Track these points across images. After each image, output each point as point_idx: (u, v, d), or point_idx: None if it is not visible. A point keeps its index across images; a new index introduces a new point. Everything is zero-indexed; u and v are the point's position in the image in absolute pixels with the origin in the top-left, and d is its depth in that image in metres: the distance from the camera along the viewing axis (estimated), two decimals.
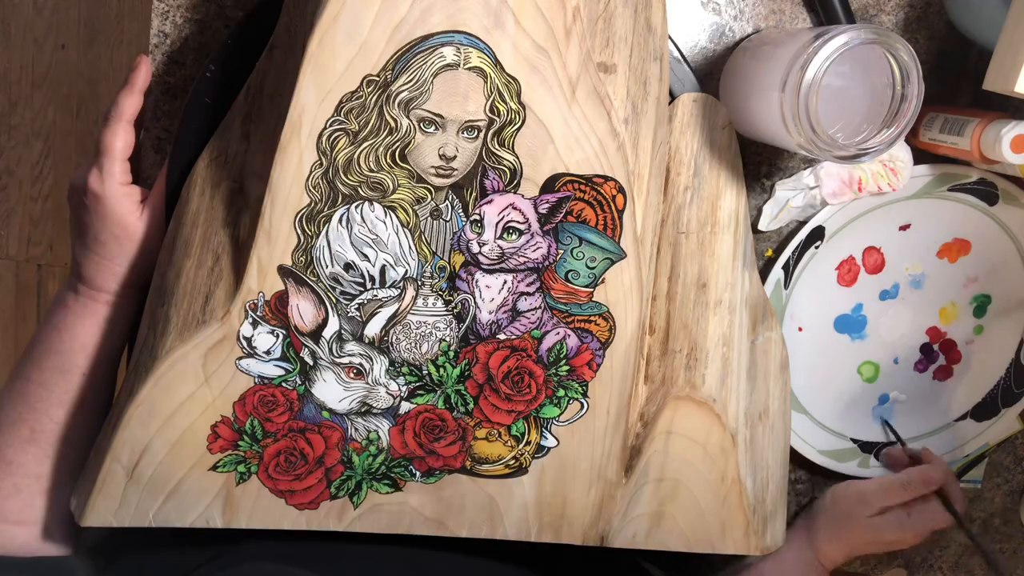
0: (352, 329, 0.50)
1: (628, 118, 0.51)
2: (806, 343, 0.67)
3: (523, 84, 0.47)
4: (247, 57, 0.54)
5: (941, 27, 0.63)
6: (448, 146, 0.48)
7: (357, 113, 0.47)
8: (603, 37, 0.51)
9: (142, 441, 0.50)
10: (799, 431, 0.68)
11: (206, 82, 0.55)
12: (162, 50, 0.58)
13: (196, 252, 0.51)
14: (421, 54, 0.46)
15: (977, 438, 0.73)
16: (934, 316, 0.69)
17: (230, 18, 0.57)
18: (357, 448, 0.53)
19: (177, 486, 0.51)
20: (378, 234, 0.49)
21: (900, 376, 0.70)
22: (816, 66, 0.49)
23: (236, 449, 0.51)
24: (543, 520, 0.55)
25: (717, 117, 0.58)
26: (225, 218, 0.52)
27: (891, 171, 0.61)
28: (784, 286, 0.64)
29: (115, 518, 0.52)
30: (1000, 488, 0.77)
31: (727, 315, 0.58)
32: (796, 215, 0.63)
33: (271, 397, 0.51)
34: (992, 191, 0.65)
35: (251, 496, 0.52)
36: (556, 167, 0.49)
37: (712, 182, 0.58)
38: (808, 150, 0.51)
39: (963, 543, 0.79)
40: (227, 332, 0.49)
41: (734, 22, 0.61)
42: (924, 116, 0.62)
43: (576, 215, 0.50)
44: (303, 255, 0.49)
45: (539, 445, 0.54)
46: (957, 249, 0.67)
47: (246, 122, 0.53)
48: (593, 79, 0.48)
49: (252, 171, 0.51)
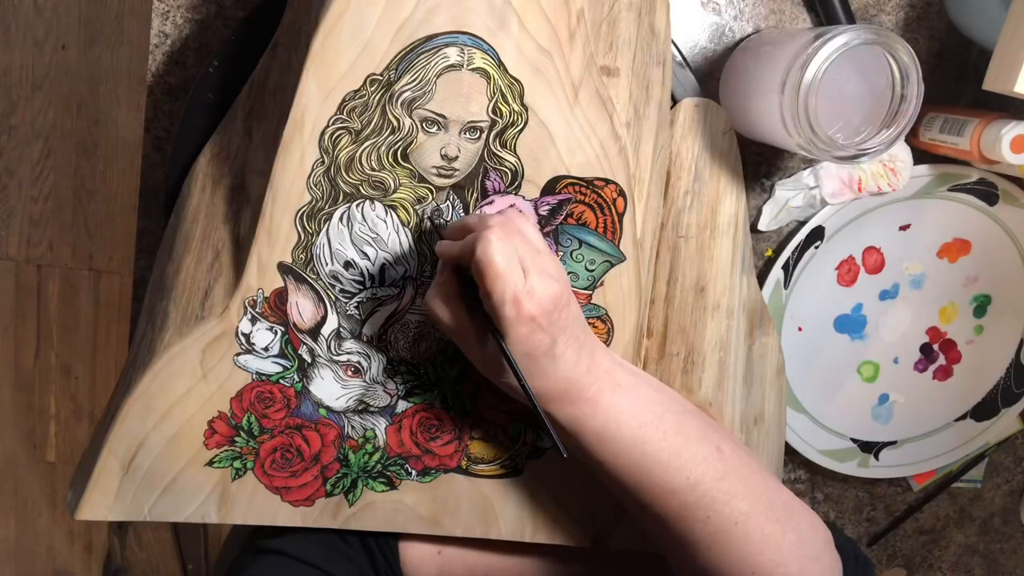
0: (351, 327, 0.50)
1: (630, 122, 0.51)
2: (806, 343, 0.67)
3: (526, 86, 0.47)
4: (250, 53, 0.54)
5: (941, 27, 0.63)
6: (450, 146, 0.48)
7: (360, 112, 0.47)
8: (607, 41, 0.51)
9: (139, 435, 0.50)
10: (799, 431, 0.68)
11: (209, 78, 0.55)
12: (162, 50, 0.58)
13: (196, 247, 0.51)
14: (425, 54, 0.46)
15: (977, 438, 0.73)
16: (934, 316, 0.69)
17: (230, 18, 0.58)
18: (353, 446, 0.53)
19: (173, 481, 0.51)
20: (378, 233, 0.49)
21: (900, 376, 0.70)
22: (816, 66, 0.49)
23: (232, 445, 0.51)
24: (538, 521, 0.55)
25: (718, 122, 0.58)
26: (226, 214, 0.52)
27: (891, 171, 0.61)
28: (784, 286, 0.64)
29: (110, 512, 0.52)
30: (1000, 488, 0.77)
31: (725, 319, 0.58)
32: (796, 215, 0.63)
33: (268, 394, 0.51)
34: (992, 191, 0.65)
35: (247, 492, 0.52)
36: (557, 169, 0.49)
37: (712, 187, 0.58)
38: (808, 150, 0.52)
39: (963, 543, 0.79)
40: (226, 328, 0.49)
41: (734, 22, 0.61)
42: (924, 116, 0.62)
43: (576, 217, 0.50)
44: (303, 252, 0.49)
45: (535, 446, 0.54)
46: (957, 249, 0.67)
47: (248, 118, 0.53)
48: (596, 82, 0.48)
49: (254, 167, 0.51)
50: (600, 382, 0.46)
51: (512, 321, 0.42)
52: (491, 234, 0.41)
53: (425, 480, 0.54)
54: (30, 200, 1.34)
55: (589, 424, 0.46)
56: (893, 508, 0.77)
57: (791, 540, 0.47)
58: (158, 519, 0.52)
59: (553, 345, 0.43)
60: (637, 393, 0.47)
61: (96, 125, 1.31)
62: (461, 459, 0.54)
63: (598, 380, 0.46)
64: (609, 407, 0.46)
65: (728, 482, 0.46)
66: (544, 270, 0.42)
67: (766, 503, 0.47)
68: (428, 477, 0.54)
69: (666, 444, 0.46)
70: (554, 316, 0.43)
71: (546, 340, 0.43)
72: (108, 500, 0.51)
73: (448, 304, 0.45)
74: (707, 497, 0.46)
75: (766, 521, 0.46)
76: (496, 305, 0.41)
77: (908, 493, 0.77)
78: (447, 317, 0.45)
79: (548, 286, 0.42)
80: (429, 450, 0.53)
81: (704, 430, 0.48)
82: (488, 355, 0.45)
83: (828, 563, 0.48)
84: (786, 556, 0.46)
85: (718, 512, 0.46)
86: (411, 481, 0.54)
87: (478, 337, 0.45)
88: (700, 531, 0.46)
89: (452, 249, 0.44)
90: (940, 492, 0.76)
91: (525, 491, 0.54)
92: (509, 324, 0.42)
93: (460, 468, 0.54)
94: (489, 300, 0.42)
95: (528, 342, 0.43)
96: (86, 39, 1.29)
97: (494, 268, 0.41)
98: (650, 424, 0.46)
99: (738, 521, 0.46)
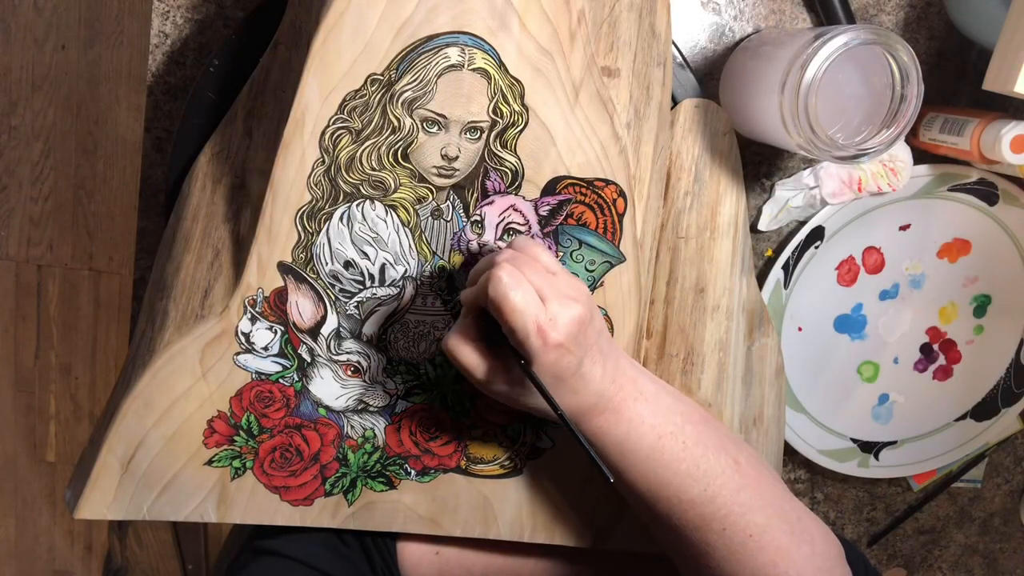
0: (351, 327, 0.50)
1: (630, 122, 0.51)
2: (806, 343, 0.67)
3: (527, 86, 0.47)
4: (250, 53, 0.54)
5: (941, 27, 0.63)
6: (450, 146, 0.48)
7: (360, 112, 0.47)
8: (607, 41, 0.51)
9: (138, 434, 0.50)
10: (799, 431, 0.68)
11: (209, 77, 0.55)
12: (162, 50, 0.58)
13: (196, 247, 0.51)
14: (426, 54, 0.46)
15: (977, 438, 0.73)
16: (934, 316, 0.69)
17: (230, 18, 0.58)
18: (353, 445, 0.53)
19: (172, 480, 0.51)
20: (379, 232, 0.49)
21: (900, 376, 0.70)
22: (816, 66, 0.49)
23: (232, 444, 0.51)
24: (537, 521, 0.55)
25: (718, 123, 0.58)
26: (226, 213, 0.52)
27: (891, 171, 0.61)
28: (784, 286, 0.64)
29: (109, 511, 0.52)
30: (1000, 488, 0.77)
31: (724, 320, 0.58)
32: (796, 215, 0.63)
33: (268, 393, 0.51)
34: (992, 191, 0.65)
35: (246, 491, 0.52)
36: (557, 170, 0.49)
37: (712, 187, 0.58)
38: (808, 150, 0.52)
39: (963, 543, 0.79)
40: (225, 327, 0.49)
41: (734, 22, 0.61)
42: (924, 116, 0.62)
43: (576, 218, 0.50)
44: (303, 252, 0.49)
45: (534, 446, 0.54)
46: (957, 249, 0.67)
47: (249, 118, 0.53)
48: (596, 83, 0.48)
49: (254, 167, 0.51)
50: (624, 391, 0.46)
51: (539, 351, 0.42)
52: (500, 271, 0.41)
53: (424, 480, 0.54)
54: (30, 200, 1.34)
55: (612, 433, 0.46)
56: (893, 508, 0.77)
57: (805, 553, 0.47)
58: (157, 518, 0.52)
59: (580, 365, 0.44)
60: (658, 402, 0.47)
61: (96, 125, 1.31)
62: (460, 459, 0.54)
63: (623, 389, 0.46)
64: (632, 417, 0.46)
65: (745, 495, 0.47)
66: (563, 293, 0.42)
67: (781, 516, 0.47)
68: (427, 477, 0.54)
69: (686, 455, 0.46)
70: (580, 338, 0.43)
71: (574, 362, 0.43)
72: (107, 499, 0.51)
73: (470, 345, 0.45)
74: (724, 509, 0.46)
75: (781, 534, 0.46)
76: (521, 339, 0.41)
77: (908, 493, 0.77)
78: (469, 357, 0.45)
79: (570, 310, 0.42)
80: (428, 450, 0.53)
81: (722, 441, 0.48)
82: (513, 384, 0.45)
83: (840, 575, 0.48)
84: (800, 568, 0.46)
85: (734, 524, 0.46)
86: (410, 481, 0.54)
87: (503, 372, 0.45)
88: (716, 542, 0.46)
89: (469, 294, 0.44)
90: (940, 492, 0.76)
91: (524, 491, 0.54)
92: (537, 354, 0.42)
93: (459, 468, 0.54)
94: (513, 336, 0.42)
95: (557, 367, 0.43)
96: (86, 39, 1.29)
97: (510, 304, 0.41)
98: (670, 435, 0.47)
99: (753, 534, 0.46)
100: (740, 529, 0.46)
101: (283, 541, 0.54)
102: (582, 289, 0.44)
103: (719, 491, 0.46)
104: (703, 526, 0.46)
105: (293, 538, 0.55)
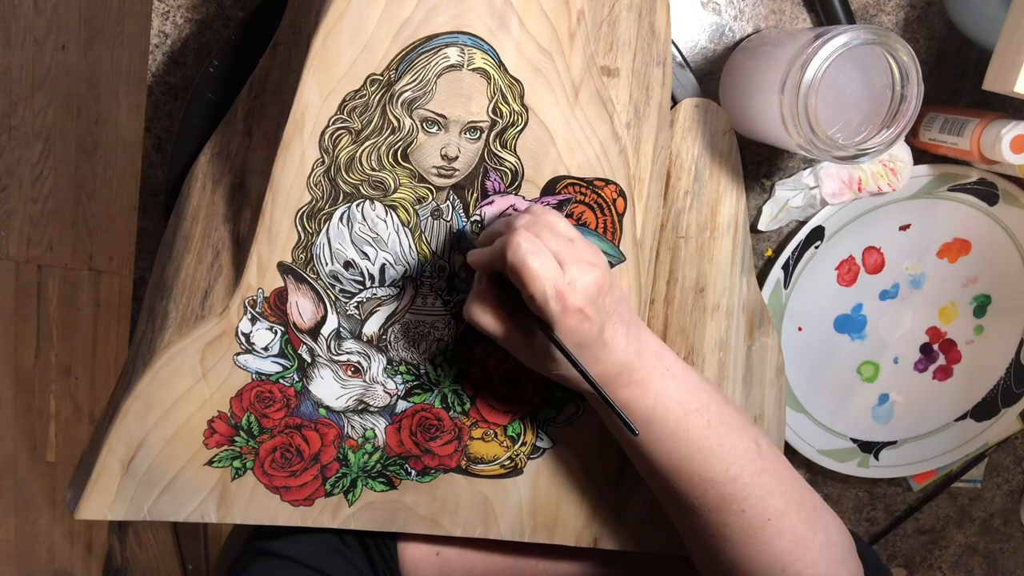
0: (351, 327, 0.50)
1: (630, 122, 0.51)
2: (806, 343, 0.67)
3: (526, 86, 0.47)
4: (250, 53, 0.54)
5: (941, 27, 0.63)
6: (450, 146, 0.48)
7: (360, 112, 0.47)
8: (607, 41, 0.51)
9: (138, 435, 0.50)
10: (799, 431, 0.68)
11: (209, 77, 0.55)
12: (162, 50, 0.58)
13: (196, 247, 0.51)
14: (425, 54, 0.46)
15: (977, 438, 0.73)
16: (934, 316, 0.69)
17: (230, 18, 0.58)
18: (353, 446, 0.53)
19: (173, 480, 0.51)
20: (378, 233, 0.49)
21: (900, 376, 0.70)
22: (816, 66, 0.49)
23: (232, 445, 0.51)
24: (537, 521, 0.55)
25: (718, 123, 0.58)
26: (226, 214, 0.52)
27: (891, 171, 0.61)
28: (784, 286, 0.64)
29: (110, 511, 0.52)
30: (1000, 488, 0.77)
31: (724, 320, 0.58)
32: (796, 215, 0.63)
33: (268, 393, 0.51)
34: (992, 191, 0.65)
35: (246, 492, 0.52)
36: (557, 169, 0.49)
37: (712, 187, 0.58)
38: (807, 150, 0.52)
39: (963, 543, 0.79)
40: (226, 328, 0.49)
41: (734, 22, 0.61)
42: (924, 116, 0.62)
43: (576, 218, 0.50)
44: (303, 252, 0.49)
45: (535, 446, 0.54)
46: (957, 249, 0.67)
47: (248, 118, 0.53)
48: (596, 83, 0.48)
49: (254, 167, 0.51)
50: (650, 365, 0.46)
51: (559, 316, 0.42)
52: (518, 236, 0.41)
53: (425, 480, 0.54)
54: (30, 200, 1.34)
55: (638, 406, 0.46)
56: (893, 508, 0.77)
57: (820, 541, 0.47)
58: (157, 518, 0.52)
59: (602, 332, 0.44)
60: (685, 379, 0.47)
61: (96, 125, 1.31)
62: (461, 459, 0.54)
63: (648, 363, 0.46)
64: (659, 391, 0.46)
65: (765, 478, 0.46)
66: (581, 259, 0.42)
67: (799, 503, 0.47)
68: (428, 477, 0.54)
69: (710, 432, 0.46)
70: (599, 303, 0.43)
71: (595, 328, 0.43)
72: (108, 499, 0.51)
73: (490, 311, 0.45)
74: (744, 491, 0.46)
75: (798, 521, 0.46)
76: (540, 305, 0.41)
77: (908, 493, 0.77)
78: (491, 324, 0.45)
79: (588, 274, 0.42)
80: (429, 450, 0.53)
81: (744, 423, 0.48)
82: (537, 350, 0.45)
83: (853, 568, 0.48)
84: (815, 557, 0.46)
85: (753, 507, 0.46)
86: (411, 481, 0.54)
87: (525, 336, 0.45)
88: (734, 524, 0.46)
89: (483, 256, 0.44)
90: (940, 492, 0.77)
91: (525, 491, 0.54)
92: (557, 319, 0.42)
93: (460, 468, 0.54)
94: (533, 302, 0.42)
95: (578, 332, 0.43)
96: (86, 39, 1.29)
97: (529, 270, 0.41)
98: (695, 412, 0.46)
99: (771, 518, 0.46)
100: (759, 512, 0.46)
101: (284, 542, 0.54)
102: (600, 256, 0.44)
103: (741, 472, 0.46)
104: (723, 507, 0.46)
105: (294, 539, 0.55)
